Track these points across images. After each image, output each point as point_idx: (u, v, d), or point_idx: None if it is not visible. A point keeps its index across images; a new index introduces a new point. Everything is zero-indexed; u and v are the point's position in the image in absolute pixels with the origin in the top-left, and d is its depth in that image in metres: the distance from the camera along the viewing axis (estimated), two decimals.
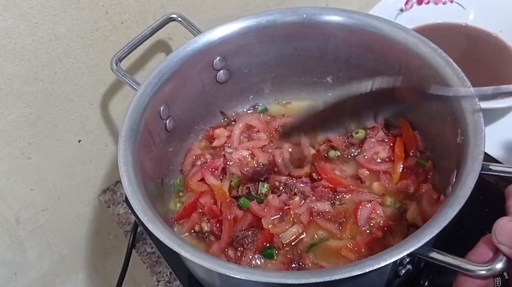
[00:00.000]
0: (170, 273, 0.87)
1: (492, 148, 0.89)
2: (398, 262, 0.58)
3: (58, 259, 1.05)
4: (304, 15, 0.83)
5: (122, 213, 0.99)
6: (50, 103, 0.85)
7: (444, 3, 1.13)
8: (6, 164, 0.86)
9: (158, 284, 0.87)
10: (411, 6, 1.13)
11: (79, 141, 0.93)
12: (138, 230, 0.94)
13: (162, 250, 0.86)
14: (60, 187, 0.96)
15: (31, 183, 0.91)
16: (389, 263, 0.55)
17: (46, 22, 0.78)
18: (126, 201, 0.97)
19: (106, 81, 0.91)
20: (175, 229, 0.80)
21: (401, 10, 1.13)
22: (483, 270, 0.53)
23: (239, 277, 0.56)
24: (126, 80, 0.80)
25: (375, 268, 0.54)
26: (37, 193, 0.93)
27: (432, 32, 1.11)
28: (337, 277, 0.54)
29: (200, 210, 0.80)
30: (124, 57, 0.82)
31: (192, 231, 0.79)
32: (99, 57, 0.87)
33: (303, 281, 0.54)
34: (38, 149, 0.88)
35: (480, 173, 0.60)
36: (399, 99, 0.66)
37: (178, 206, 0.83)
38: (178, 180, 0.86)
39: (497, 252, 0.54)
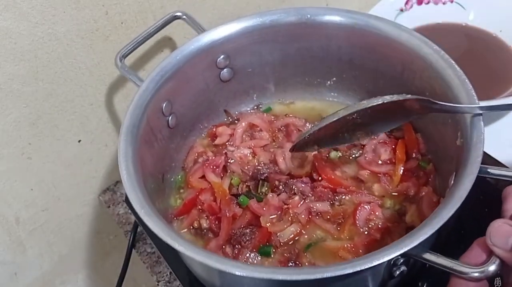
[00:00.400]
0: (170, 273, 0.87)
1: (492, 148, 0.89)
2: (392, 262, 0.58)
3: (58, 259, 1.05)
4: (308, 15, 0.83)
5: (122, 213, 0.99)
6: (50, 103, 0.85)
7: (444, 3, 1.13)
8: (6, 164, 0.85)
9: (158, 284, 0.87)
10: (411, 6, 1.13)
11: (79, 141, 0.93)
12: (138, 230, 0.94)
13: (162, 250, 0.86)
14: (60, 187, 0.96)
15: (31, 183, 0.91)
16: (382, 263, 0.55)
17: (46, 22, 0.77)
18: (126, 200, 0.97)
19: (106, 81, 0.91)
20: (174, 225, 0.81)
21: (401, 10, 1.13)
22: (476, 272, 0.53)
23: (232, 272, 0.56)
24: (130, 76, 0.80)
25: (367, 267, 0.54)
26: (37, 193, 0.93)
27: (432, 32, 1.11)
28: (329, 274, 0.54)
29: (200, 207, 0.80)
30: (129, 53, 0.82)
31: (191, 227, 0.80)
32: (99, 57, 0.87)
33: (294, 277, 0.55)
34: (38, 149, 0.88)
35: (479, 176, 0.60)
36: (407, 112, 0.69)
37: (178, 202, 0.83)
38: (179, 176, 0.87)
39: (490, 254, 0.54)
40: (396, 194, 0.79)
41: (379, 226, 0.75)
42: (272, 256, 0.74)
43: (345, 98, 0.93)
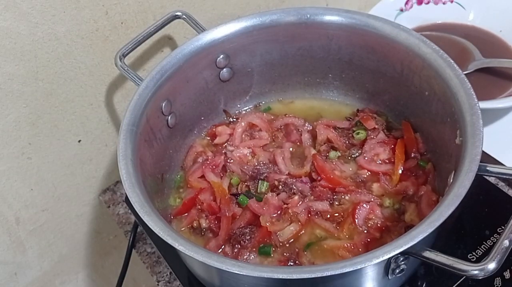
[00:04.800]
0: (170, 273, 0.87)
1: (492, 148, 0.89)
2: (391, 260, 0.58)
3: (58, 259, 1.05)
4: (308, 15, 0.84)
5: (122, 213, 0.99)
6: (50, 103, 0.85)
7: (444, 3, 1.14)
8: (6, 164, 0.86)
9: (158, 284, 0.87)
10: (411, 6, 1.13)
11: (79, 141, 0.93)
12: (138, 230, 0.94)
13: (162, 250, 0.86)
14: (60, 187, 0.96)
15: (31, 183, 0.91)
16: (382, 261, 0.55)
17: (46, 22, 0.78)
18: (126, 200, 0.97)
19: (106, 81, 0.91)
20: (174, 225, 0.81)
21: (401, 10, 1.13)
22: (475, 269, 0.53)
23: (232, 270, 0.56)
24: (130, 75, 0.80)
25: (367, 265, 0.54)
26: (37, 193, 0.93)
27: (432, 32, 1.11)
28: (329, 273, 0.54)
29: (199, 207, 0.81)
30: (128, 53, 0.83)
31: (190, 227, 0.80)
32: (99, 57, 0.87)
33: (294, 276, 0.55)
34: (38, 149, 0.88)
35: (479, 174, 0.60)
36: None
37: (177, 201, 0.83)
38: (179, 176, 0.87)
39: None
40: (397, 192, 0.79)
41: (378, 225, 0.75)
42: (272, 255, 0.74)
43: (345, 98, 0.94)
